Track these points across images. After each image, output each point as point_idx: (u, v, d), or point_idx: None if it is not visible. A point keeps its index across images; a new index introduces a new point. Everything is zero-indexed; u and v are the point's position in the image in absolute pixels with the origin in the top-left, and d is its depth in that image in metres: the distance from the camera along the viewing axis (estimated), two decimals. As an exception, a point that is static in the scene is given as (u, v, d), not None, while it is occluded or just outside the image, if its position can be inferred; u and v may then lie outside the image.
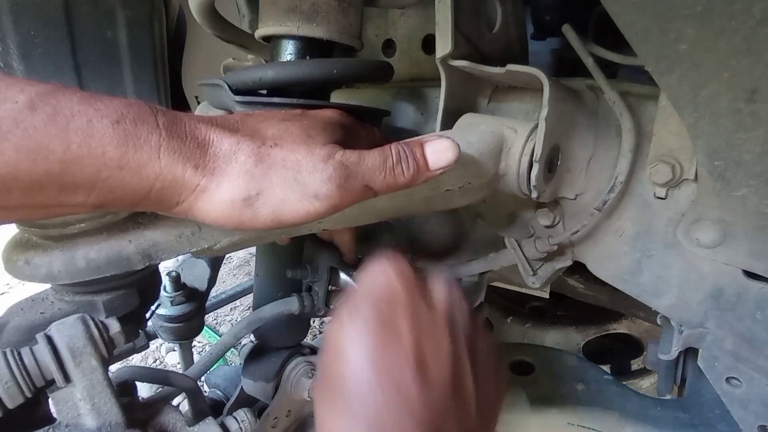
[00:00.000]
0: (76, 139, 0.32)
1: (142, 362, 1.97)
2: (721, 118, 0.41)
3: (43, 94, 0.32)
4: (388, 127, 0.71)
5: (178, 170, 0.35)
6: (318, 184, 0.38)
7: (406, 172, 0.43)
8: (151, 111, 0.36)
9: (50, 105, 0.32)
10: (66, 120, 0.32)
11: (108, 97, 0.35)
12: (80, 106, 0.33)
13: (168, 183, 0.35)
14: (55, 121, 0.32)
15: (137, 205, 0.37)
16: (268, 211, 0.38)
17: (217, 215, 0.37)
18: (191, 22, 1.16)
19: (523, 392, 0.76)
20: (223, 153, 0.37)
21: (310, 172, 0.39)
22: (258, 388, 0.77)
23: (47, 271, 0.42)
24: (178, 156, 0.35)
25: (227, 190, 0.37)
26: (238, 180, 0.37)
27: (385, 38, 0.75)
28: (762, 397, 0.56)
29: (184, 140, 0.36)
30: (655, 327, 1.27)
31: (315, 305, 0.73)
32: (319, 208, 0.39)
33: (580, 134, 0.57)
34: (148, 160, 0.34)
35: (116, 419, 0.47)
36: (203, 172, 0.36)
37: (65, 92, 0.33)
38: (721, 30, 0.35)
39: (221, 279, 2.50)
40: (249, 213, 0.38)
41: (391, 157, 0.42)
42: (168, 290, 0.94)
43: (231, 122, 0.40)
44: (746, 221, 0.50)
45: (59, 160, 0.32)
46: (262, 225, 0.38)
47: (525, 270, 0.66)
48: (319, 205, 0.39)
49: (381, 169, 0.42)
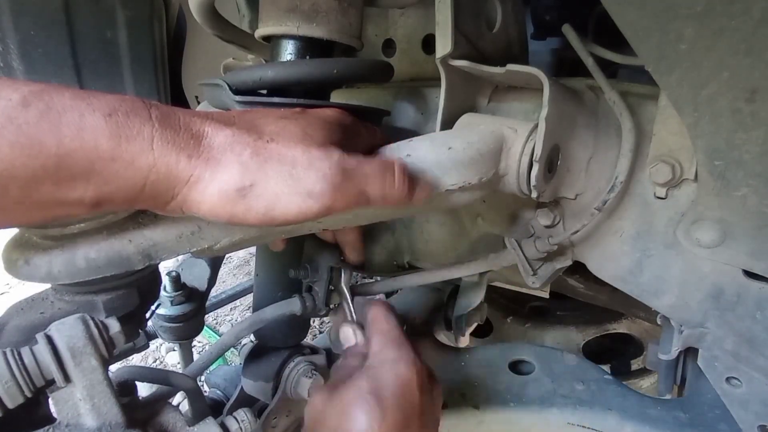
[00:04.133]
0: (68, 133, 0.32)
1: (142, 362, 1.97)
2: (721, 118, 0.41)
3: (36, 91, 0.32)
4: (388, 127, 0.71)
5: (171, 160, 0.35)
6: (313, 182, 0.38)
7: (403, 191, 0.43)
8: (144, 104, 0.36)
9: (43, 101, 0.32)
10: (58, 115, 0.32)
11: (101, 92, 0.35)
12: (72, 101, 0.33)
13: (162, 175, 0.35)
14: (48, 116, 0.32)
15: (134, 201, 0.36)
16: (261, 205, 0.38)
17: (210, 206, 0.37)
18: (191, 22, 1.16)
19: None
20: (218, 144, 0.37)
21: (306, 169, 0.38)
22: (258, 388, 0.77)
23: (47, 271, 0.42)
24: (171, 147, 0.35)
25: (221, 180, 0.36)
26: (233, 170, 0.37)
27: (385, 38, 0.75)
28: (762, 397, 0.57)
29: (177, 131, 0.36)
30: (655, 327, 1.27)
31: (315, 305, 0.73)
32: (312, 207, 0.39)
33: (580, 134, 0.57)
34: (140, 152, 0.34)
35: (116, 419, 0.47)
36: (197, 162, 0.36)
37: (58, 89, 0.34)
38: (721, 30, 0.35)
39: (221, 279, 2.50)
40: (242, 205, 0.37)
41: (392, 171, 0.43)
42: (168, 290, 0.94)
43: (228, 117, 0.40)
44: (746, 221, 0.50)
45: (53, 154, 0.32)
46: (254, 219, 0.38)
47: (525, 270, 0.66)
48: (312, 203, 0.38)
49: (380, 179, 0.42)
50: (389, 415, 0.45)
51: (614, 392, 0.75)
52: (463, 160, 0.49)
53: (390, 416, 0.45)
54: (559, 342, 1.36)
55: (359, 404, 0.45)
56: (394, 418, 0.45)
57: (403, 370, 0.49)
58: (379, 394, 0.46)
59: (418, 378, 0.48)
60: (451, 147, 0.49)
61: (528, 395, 0.77)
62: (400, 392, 0.47)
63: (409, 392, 0.47)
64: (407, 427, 0.45)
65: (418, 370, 0.49)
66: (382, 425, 0.44)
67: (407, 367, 0.49)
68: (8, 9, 0.91)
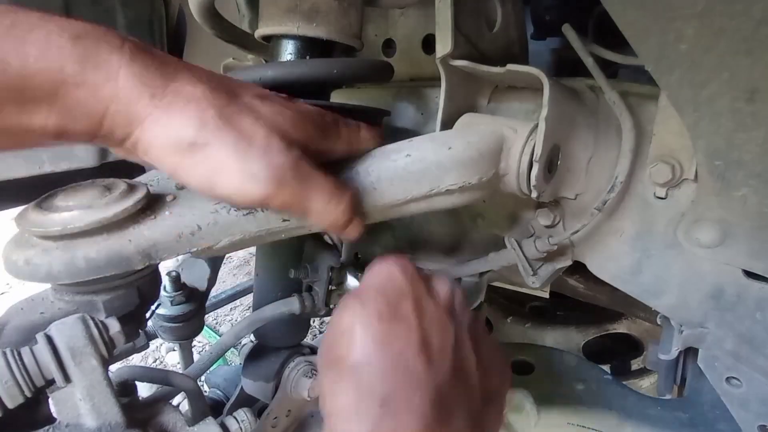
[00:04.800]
0: (33, 52, 0.32)
1: (142, 362, 1.97)
2: (721, 118, 0.41)
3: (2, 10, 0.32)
4: (388, 127, 0.71)
5: (134, 95, 0.34)
6: (261, 167, 0.38)
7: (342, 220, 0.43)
8: (118, 35, 0.35)
9: (9, 18, 0.31)
10: (24, 33, 0.32)
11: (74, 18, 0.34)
12: (40, 21, 0.32)
13: (122, 107, 0.34)
14: (13, 33, 0.31)
15: (94, 135, 0.36)
16: (206, 167, 0.37)
17: (157, 152, 0.36)
18: (191, 22, 1.16)
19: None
20: (185, 92, 0.36)
21: (259, 152, 0.38)
22: (258, 388, 0.77)
23: (47, 271, 0.42)
24: (137, 81, 0.34)
25: (177, 128, 0.36)
26: (191, 122, 0.36)
27: (385, 38, 0.75)
28: (762, 396, 0.56)
29: (147, 67, 0.35)
30: (655, 327, 1.27)
31: (315, 305, 0.73)
32: (251, 190, 0.38)
33: (580, 134, 0.57)
34: (105, 80, 0.33)
35: (116, 419, 0.47)
36: (158, 104, 0.35)
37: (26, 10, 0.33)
38: (721, 30, 0.35)
39: (221, 279, 2.50)
40: (189, 160, 0.36)
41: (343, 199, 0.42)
42: (168, 290, 0.94)
43: (208, 74, 0.39)
44: (746, 221, 0.50)
45: (16, 74, 0.31)
46: (195, 179, 0.38)
47: (525, 270, 0.66)
48: (253, 186, 0.38)
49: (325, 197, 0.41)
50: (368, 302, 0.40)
51: (614, 392, 0.75)
52: (463, 160, 0.49)
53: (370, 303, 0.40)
54: (559, 342, 1.36)
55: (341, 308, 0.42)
56: (375, 303, 0.40)
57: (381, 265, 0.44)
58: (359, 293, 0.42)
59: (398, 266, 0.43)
60: (451, 147, 0.49)
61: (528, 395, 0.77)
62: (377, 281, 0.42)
63: (388, 278, 0.42)
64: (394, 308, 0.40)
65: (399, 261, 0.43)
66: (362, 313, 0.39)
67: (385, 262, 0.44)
68: (8, 9, 0.91)
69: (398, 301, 0.40)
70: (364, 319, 0.39)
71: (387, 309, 0.39)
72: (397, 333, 0.39)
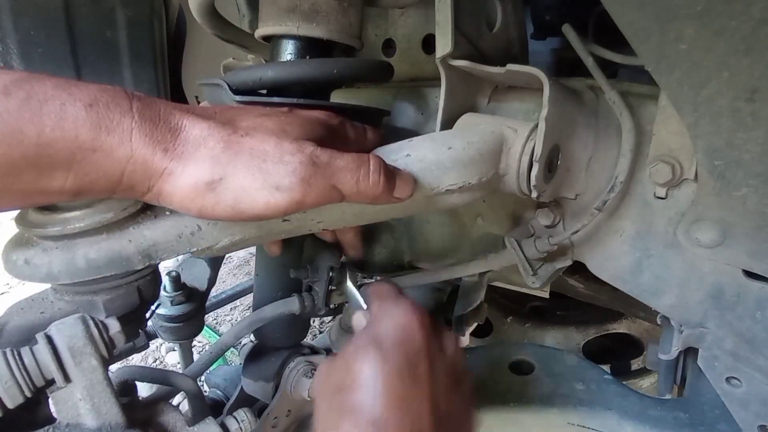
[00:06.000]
0: (49, 123, 0.33)
1: (142, 362, 1.97)
2: (721, 118, 0.41)
3: (17, 80, 0.33)
4: (388, 127, 0.71)
5: (148, 153, 0.36)
6: (281, 176, 0.38)
7: (379, 185, 0.42)
8: (125, 95, 0.36)
9: (24, 90, 0.33)
10: (39, 104, 0.33)
11: (83, 83, 0.35)
12: (54, 90, 0.34)
13: (139, 166, 0.36)
14: (29, 105, 0.32)
15: (113, 191, 0.37)
16: (229, 198, 0.38)
17: (180, 198, 0.37)
18: (191, 22, 1.16)
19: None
20: (193, 138, 0.37)
21: (276, 163, 0.38)
22: (258, 388, 0.77)
23: (47, 271, 0.42)
24: (149, 140, 0.36)
25: (192, 174, 0.37)
26: (204, 164, 0.37)
27: (385, 38, 0.75)
28: (762, 397, 0.56)
29: (156, 124, 0.36)
30: (655, 327, 1.27)
31: (315, 305, 0.73)
32: (280, 201, 0.38)
33: (580, 134, 0.57)
34: (120, 143, 0.35)
35: (116, 419, 0.47)
36: (172, 156, 0.37)
37: (40, 78, 0.34)
38: (721, 30, 0.35)
39: (221, 279, 2.50)
40: (211, 198, 0.37)
41: (367, 165, 0.42)
42: (168, 290, 0.94)
43: (208, 111, 0.41)
44: (746, 221, 0.50)
45: (34, 143, 0.33)
46: (222, 212, 0.38)
47: (525, 270, 0.66)
48: (280, 197, 0.38)
49: (353, 174, 0.41)
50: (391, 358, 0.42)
51: (614, 392, 0.75)
52: (463, 160, 0.49)
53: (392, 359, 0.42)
54: (559, 342, 1.36)
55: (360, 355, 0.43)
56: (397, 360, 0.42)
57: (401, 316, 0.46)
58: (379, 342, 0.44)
59: (418, 321, 0.46)
60: (451, 147, 0.49)
61: (528, 395, 0.76)
62: (399, 336, 0.45)
63: (410, 334, 0.45)
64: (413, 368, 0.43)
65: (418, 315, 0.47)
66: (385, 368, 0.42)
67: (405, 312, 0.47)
68: (8, 9, 0.91)
69: (417, 360, 0.44)
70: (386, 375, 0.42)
71: (407, 368, 0.43)
72: (416, 395, 0.42)
